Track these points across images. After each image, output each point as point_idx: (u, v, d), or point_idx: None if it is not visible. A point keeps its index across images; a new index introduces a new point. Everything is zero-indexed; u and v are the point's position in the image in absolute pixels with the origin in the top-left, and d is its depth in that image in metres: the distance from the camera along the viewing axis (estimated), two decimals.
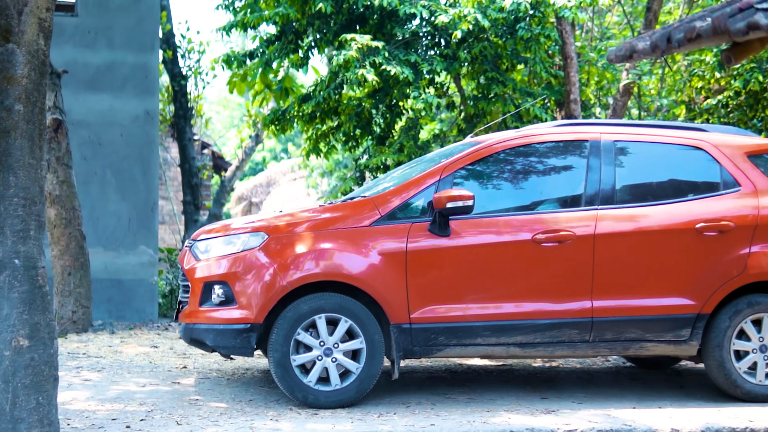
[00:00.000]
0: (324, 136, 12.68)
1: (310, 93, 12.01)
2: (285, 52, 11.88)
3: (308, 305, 6.59)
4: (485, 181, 7.12)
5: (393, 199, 6.86)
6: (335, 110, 12.19)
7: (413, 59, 10.60)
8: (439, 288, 6.72)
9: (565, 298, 6.82)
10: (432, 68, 10.76)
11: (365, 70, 10.04)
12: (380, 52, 10.33)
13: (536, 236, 6.81)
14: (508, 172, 7.16)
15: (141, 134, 14.16)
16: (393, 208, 6.82)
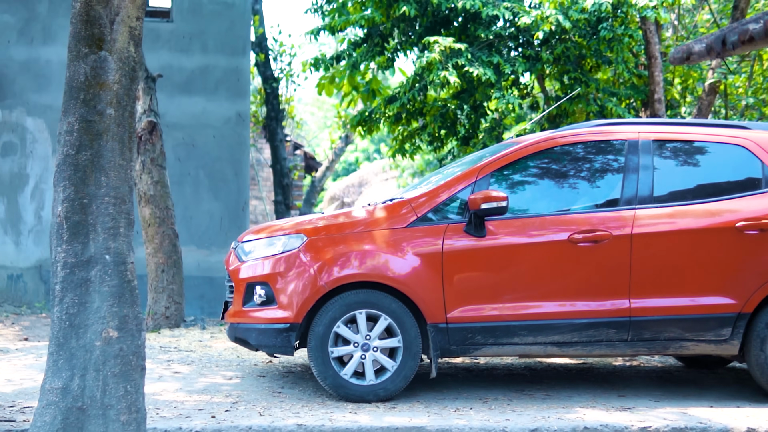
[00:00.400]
0: (410, 137, 12.86)
1: (395, 94, 12.21)
2: (371, 55, 12.11)
3: (351, 299, 6.76)
4: (521, 182, 7.18)
5: (429, 200, 6.97)
6: (420, 111, 12.36)
7: (495, 61, 10.72)
8: (475, 288, 6.81)
9: (603, 298, 6.85)
10: (514, 69, 10.89)
11: (447, 72, 10.19)
12: (463, 54, 10.47)
13: (572, 236, 6.85)
14: (543, 173, 7.21)
15: (233, 136, 14.56)
16: (429, 209, 6.93)
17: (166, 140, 13.76)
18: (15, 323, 11.91)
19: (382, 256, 6.79)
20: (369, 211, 7.10)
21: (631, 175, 7.10)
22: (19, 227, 14.40)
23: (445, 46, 10.35)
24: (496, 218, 6.87)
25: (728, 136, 7.27)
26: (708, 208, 6.96)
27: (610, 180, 7.18)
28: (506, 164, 7.13)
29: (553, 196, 7.17)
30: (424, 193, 7.09)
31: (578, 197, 7.15)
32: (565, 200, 7.13)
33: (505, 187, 7.09)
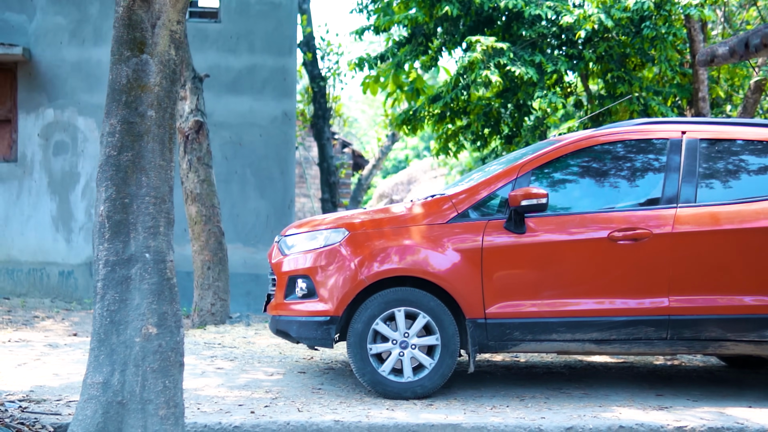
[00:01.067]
0: (453, 136, 12.90)
1: (439, 93, 12.26)
2: (415, 54, 12.17)
3: (390, 296, 6.82)
4: (561, 180, 7.20)
5: (470, 196, 7.02)
6: (464, 110, 12.40)
7: (538, 60, 10.72)
8: (514, 284, 6.84)
9: (641, 296, 6.85)
10: (557, 68, 10.88)
11: (489, 71, 10.22)
12: (505, 53, 10.49)
13: (612, 234, 6.86)
14: (584, 171, 7.22)
15: (279, 134, 14.68)
16: (470, 205, 6.98)
17: (213, 139, 13.96)
18: (65, 319, 12.15)
19: (421, 251, 6.84)
20: (409, 207, 7.17)
21: (672, 174, 7.10)
22: (70, 225, 14.67)
23: (488, 46, 10.38)
24: (535, 215, 6.91)
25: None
26: (750, 208, 6.92)
27: (651, 179, 7.18)
28: (546, 162, 7.16)
29: (593, 195, 7.17)
30: (464, 189, 7.14)
31: (618, 196, 7.15)
32: (606, 198, 7.14)
33: (545, 184, 7.12)
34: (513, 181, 7.07)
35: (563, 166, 7.22)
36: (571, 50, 11.26)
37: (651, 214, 6.96)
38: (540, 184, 7.10)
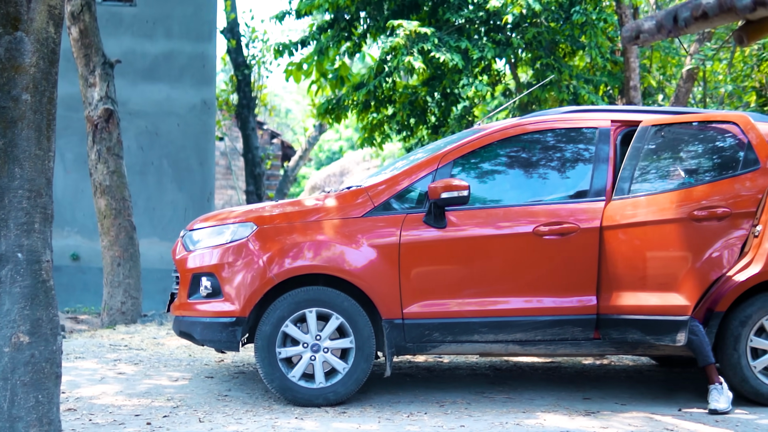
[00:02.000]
0: (379, 125, 12.52)
1: (363, 81, 11.85)
2: (337, 40, 11.73)
3: (301, 296, 6.44)
4: (485, 171, 6.90)
5: (387, 188, 6.67)
6: (389, 99, 12.01)
7: (464, 46, 10.35)
8: (433, 282, 6.52)
9: (569, 294, 6.57)
10: (483, 54, 10.51)
11: (412, 58, 9.83)
12: (429, 38, 10.11)
13: (538, 228, 6.56)
14: (509, 161, 6.92)
15: (198, 124, 14.20)
16: (387, 198, 6.63)
17: (128, 129, 13.45)
18: None
19: (335, 247, 6.49)
20: (323, 200, 6.79)
21: (601, 165, 6.79)
22: None
23: (411, 31, 9.99)
24: (457, 209, 6.58)
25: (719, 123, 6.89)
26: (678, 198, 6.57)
27: (580, 170, 6.89)
28: (470, 152, 6.84)
29: (519, 186, 6.88)
30: (382, 181, 6.78)
31: (546, 188, 6.86)
32: (532, 191, 6.85)
33: (469, 175, 6.81)
34: (433, 172, 6.73)
35: (487, 156, 6.90)
36: (498, 36, 10.89)
37: (578, 207, 6.66)
38: (463, 176, 6.77)
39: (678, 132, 6.87)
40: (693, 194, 6.52)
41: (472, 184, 6.72)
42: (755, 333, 6.59)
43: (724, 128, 6.75)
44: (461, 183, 6.42)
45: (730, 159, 6.67)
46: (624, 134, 6.96)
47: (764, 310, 6.59)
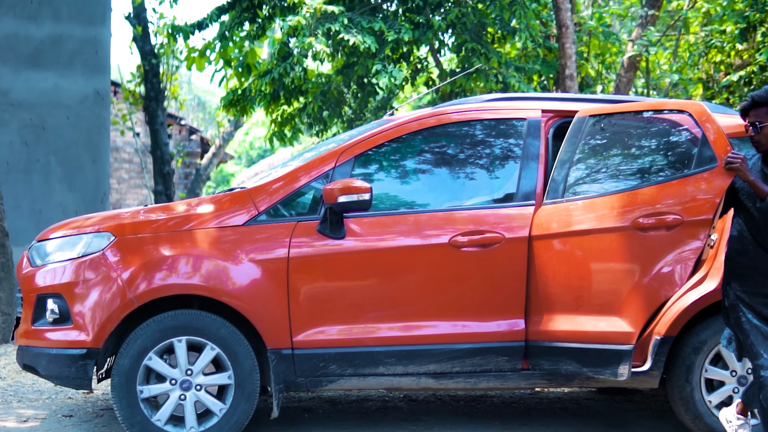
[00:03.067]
0: (290, 119, 11.48)
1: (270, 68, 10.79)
2: (238, 22, 10.64)
3: (167, 322, 5.45)
4: (393, 170, 5.96)
5: (274, 191, 5.68)
6: (300, 89, 10.97)
7: (377, 27, 9.33)
8: (330, 304, 5.56)
9: (491, 317, 5.62)
10: (399, 37, 9.45)
11: (315, 39, 8.79)
12: (338, 18, 9.08)
13: (455, 239, 5.59)
14: (422, 159, 6.00)
15: (90, 117, 13.04)
16: (274, 202, 5.65)
17: (10, 122, 12.35)
18: None
19: (210, 262, 5.51)
20: (197, 205, 5.79)
21: (531, 162, 5.83)
22: None
23: (315, 8, 8.96)
24: (358, 215, 5.61)
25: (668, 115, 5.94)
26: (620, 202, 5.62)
27: (506, 169, 5.94)
28: (375, 147, 5.87)
29: (433, 188, 5.95)
30: (269, 182, 5.81)
31: (465, 190, 5.93)
32: (449, 193, 5.92)
33: (373, 175, 5.85)
34: (330, 171, 5.74)
35: (396, 152, 5.97)
36: (417, 17, 9.83)
37: (503, 213, 5.71)
38: (366, 175, 5.82)
39: (620, 124, 5.94)
40: (638, 198, 5.58)
41: (378, 186, 5.79)
42: (711, 362, 5.66)
43: (674, 119, 5.78)
44: (362, 185, 5.44)
45: (683, 156, 5.71)
46: (557, 126, 6.01)
47: (721, 333, 5.65)
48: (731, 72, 11.18)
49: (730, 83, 10.89)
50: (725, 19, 11.00)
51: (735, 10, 10.67)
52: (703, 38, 11.87)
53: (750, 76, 10.66)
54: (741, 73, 10.71)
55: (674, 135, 5.78)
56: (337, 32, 9.17)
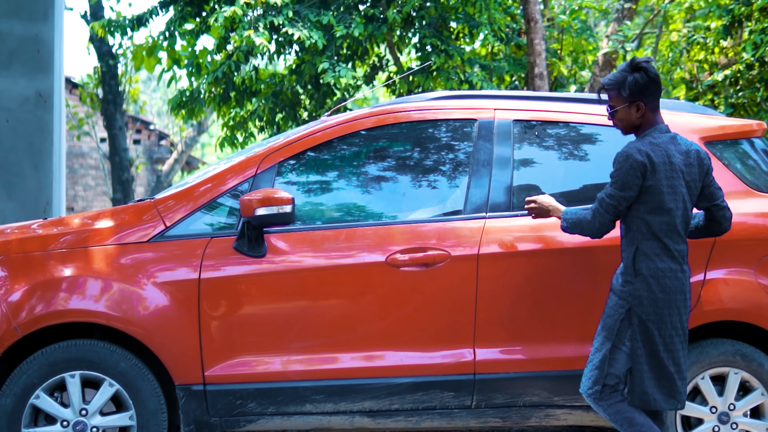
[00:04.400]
0: (243, 123, 10.84)
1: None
2: (180, 16, 9.98)
3: (58, 355, 4.84)
4: (323, 178, 5.34)
5: (184, 203, 5.07)
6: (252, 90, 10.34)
7: (326, 20, 8.66)
8: (248, 333, 4.95)
9: (435, 347, 5.02)
10: (349, 32, 8.76)
11: (254, 33, 8.13)
12: (282, 11, 8.42)
13: (392, 257, 4.98)
14: (356, 165, 5.36)
15: (32, 120, 12.38)
16: (184, 216, 5.04)
17: None
18: None
19: (106, 285, 4.91)
20: (97, 218, 5.23)
21: (481, 169, 5.21)
22: None
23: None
24: (281, 230, 5.02)
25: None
26: None
27: (454, 176, 5.34)
28: (303, 151, 5.25)
29: (368, 199, 5.33)
30: (177, 192, 5.23)
31: (407, 201, 5.31)
32: (387, 205, 5.30)
33: (301, 184, 5.25)
34: (250, 180, 5.14)
35: (326, 158, 5.31)
36: (371, 10, 9.14)
37: (449, 227, 5.08)
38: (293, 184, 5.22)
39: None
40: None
41: (306, 196, 5.21)
42: (687, 396, 5.07)
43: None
44: (284, 195, 4.85)
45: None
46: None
47: (698, 365, 5.10)
48: (716, 71, 10.61)
49: (715, 83, 10.32)
50: (711, 15, 10.45)
51: (720, 6, 10.12)
52: (685, 34, 11.28)
53: (736, 76, 10.09)
54: (726, 72, 10.15)
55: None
56: (281, 26, 8.52)
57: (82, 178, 24.89)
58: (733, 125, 5.56)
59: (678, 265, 4.54)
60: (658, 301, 4.50)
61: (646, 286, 4.50)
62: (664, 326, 4.51)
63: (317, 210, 5.22)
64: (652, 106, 4.59)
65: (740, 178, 5.30)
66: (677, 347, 4.55)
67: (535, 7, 9.44)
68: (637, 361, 4.52)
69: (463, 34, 10.10)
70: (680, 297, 4.54)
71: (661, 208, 4.51)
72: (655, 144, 4.54)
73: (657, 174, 4.49)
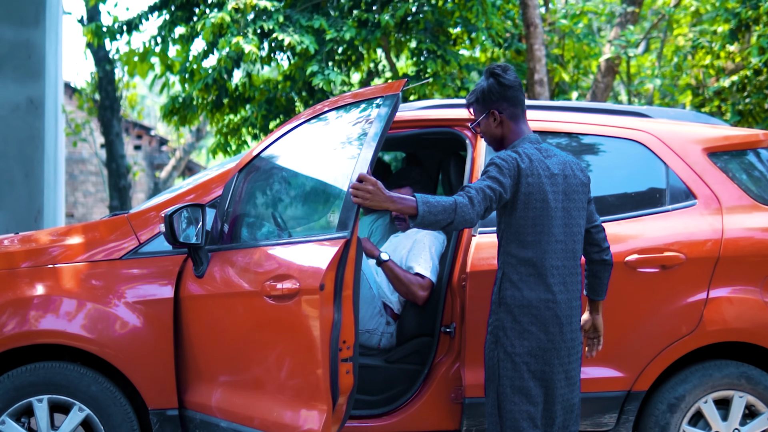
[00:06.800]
0: (237, 130, 10.61)
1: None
2: (171, 21, 9.75)
3: (25, 378, 4.58)
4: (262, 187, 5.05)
5: (161, 217, 4.73)
6: (245, 97, 10.12)
7: (317, 25, 8.42)
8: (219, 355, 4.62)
9: (290, 404, 4.35)
10: (340, 36, 8.49)
11: (243, 39, 7.89)
12: (272, 15, 8.18)
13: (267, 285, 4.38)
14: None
15: (23, 127, 12.18)
16: (159, 231, 4.74)
17: None
18: None
19: (76, 305, 4.66)
20: (67, 234, 4.97)
21: None
22: None
23: (245, 3, 8.05)
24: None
25: (617, 127, 5.15)
26: None
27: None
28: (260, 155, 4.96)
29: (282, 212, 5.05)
30: (153, 205, 4.98)
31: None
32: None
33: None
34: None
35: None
36: (365, 15, 8.87)
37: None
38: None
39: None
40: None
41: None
42: (689, 421, 4.90)
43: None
44: None
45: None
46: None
47: (701, 388, 4.88)
48: (722, 76, 10.36)
49: (722, 89, 10.06)
50: (717, 19, 10.21)
51: (728, 9, 9.87)
52: (690, 39, 11.03)
53: (743, 81, 9.84)
54: (733, 78, 9.90)
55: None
56: (271, 31, 8.28)
57: (82, 184, 24.69)
58: (738, 135, 5.33)
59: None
60: None
61: None
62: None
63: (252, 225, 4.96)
64: (510, 113, 4.25)
65: (745, 190, 5.06)
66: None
67: (535, 11, 9.18)
68: None
69: (462, 40, 9.86)
70: None
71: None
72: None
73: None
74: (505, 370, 4.13)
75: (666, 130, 5.15)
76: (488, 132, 4.31)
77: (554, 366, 4.14)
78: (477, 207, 3.92)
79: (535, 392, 4.13)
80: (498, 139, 4.30)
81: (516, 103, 4.26)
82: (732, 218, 4.92)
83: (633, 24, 10.38)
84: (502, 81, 4.22)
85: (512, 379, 4.13)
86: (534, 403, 4.13)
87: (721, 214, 4.93)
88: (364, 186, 3.83)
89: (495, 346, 4.18)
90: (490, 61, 10.05)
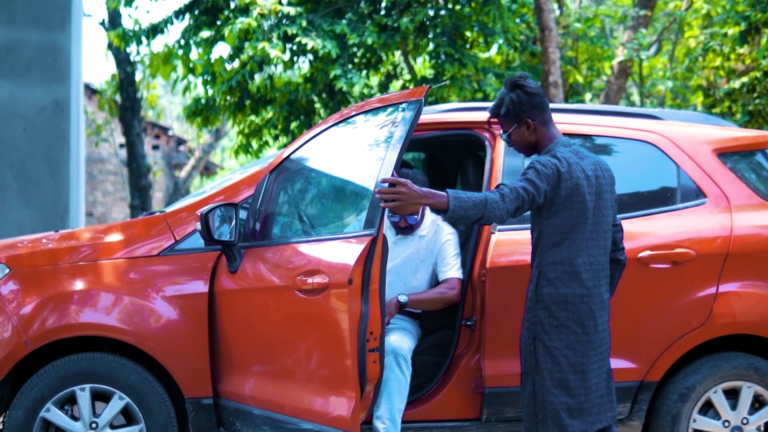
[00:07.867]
0: (258, 131, 10.83)
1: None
2: (195, 25, 9.96)
3: (69, 368, 4.79)
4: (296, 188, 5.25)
5: (194, 216, 4.94)
6: (267, 99, 10.32)
7: (339, 30, 8.63)
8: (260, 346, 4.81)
9: (323, 392, 4.56)
10: (361, 40, 8.71)
11: (268, 44, 8.11)
12: (296, 20, 8.40)
13: (298, 279, 4.63)
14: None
15: (49, 128, 12.38)
16: (195, 229, 4.93)
17: None
18: None
19: (116, 298, 4.86)
20: (107, 232, 5.15)
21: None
22: None
23: (270, 9, 8.27)
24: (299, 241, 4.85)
25: (630, 129, 5.34)
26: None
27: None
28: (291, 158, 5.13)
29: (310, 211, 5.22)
30: (188, 205, 5.17)
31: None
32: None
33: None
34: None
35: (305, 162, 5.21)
36: (384, 19, 9.09)
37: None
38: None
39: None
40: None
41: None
42: (700, 410, 5.07)
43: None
44: None
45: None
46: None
47: (711, 378, 5.06)
48: (733, 78, 10.51)
49: (732, 90, 10.22)
50: (728, 22, 10.36)
51: (738, 12, 10.03)
52: (701, 41, 11.19)
53: (753, 83, 10.00)
54: (744, 79, 10.06)
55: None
56: (294, 35, 8.50)
57: (102, 183, 24.93)
58: (747, 136, 5.50)
59: None
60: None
61: None
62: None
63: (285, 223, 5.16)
64: (542, 119, 4.42)
65: (754, 190, 5.22)
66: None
67: (550, 15, 9.37)
68: None
69: (478, 43, 10.05)
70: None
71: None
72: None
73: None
74: (545, 363, 4.31)
75: (677, 131, 5.33)
76: (522, 140, 4.47)
77: (590, 357, 4.33)
78: (508, 204, 4.11)
79: (574, 384, 4.31)
80: (532, 145, 4.48)
81: (544, 108, 4.44)
82: (741, 216, 5.10)
83: (645, 27, 10.56)
84: (528, 90, 4.38)
85: (552, 372, 4.31)
86: (573, 394, 4.32)
87: (730, 212, 5.11)
88: (396, 189, 4.05)
89: (533, 341, 4.35)
90: (506, 64, 10.22)
